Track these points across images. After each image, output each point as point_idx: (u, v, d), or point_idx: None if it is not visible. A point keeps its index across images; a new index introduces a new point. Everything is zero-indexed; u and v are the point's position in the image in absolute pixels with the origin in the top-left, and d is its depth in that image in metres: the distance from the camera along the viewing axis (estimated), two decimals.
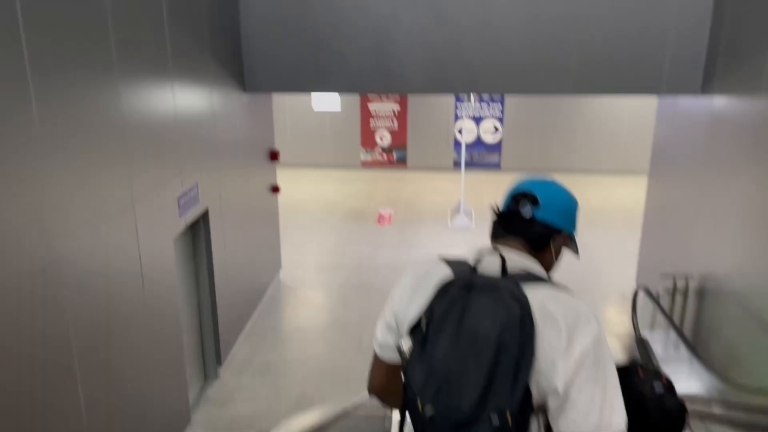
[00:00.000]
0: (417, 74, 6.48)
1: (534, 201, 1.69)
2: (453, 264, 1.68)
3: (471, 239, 10.02)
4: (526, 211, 1.69)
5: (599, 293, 8.03)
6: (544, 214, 1.69)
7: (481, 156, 13.90)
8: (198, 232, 5.75)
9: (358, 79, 6.57)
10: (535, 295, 1.50)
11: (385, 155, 14.14)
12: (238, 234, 6.63)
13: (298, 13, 6.40)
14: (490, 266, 1.59)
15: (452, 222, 10.71)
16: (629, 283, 8.30)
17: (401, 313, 1.75)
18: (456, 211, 11.12)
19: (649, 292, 6.47)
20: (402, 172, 14.07)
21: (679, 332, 5.88)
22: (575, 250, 1.80)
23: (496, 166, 13.96)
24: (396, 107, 13.76)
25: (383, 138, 14.03)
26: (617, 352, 6.76)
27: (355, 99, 13.72)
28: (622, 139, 13.60)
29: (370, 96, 13.67)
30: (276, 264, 8.39)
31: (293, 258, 9.19)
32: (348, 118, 13.94)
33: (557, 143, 13.70)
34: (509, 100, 13.45)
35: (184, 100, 5.06)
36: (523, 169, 13.89)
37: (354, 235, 10.20)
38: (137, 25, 4.20)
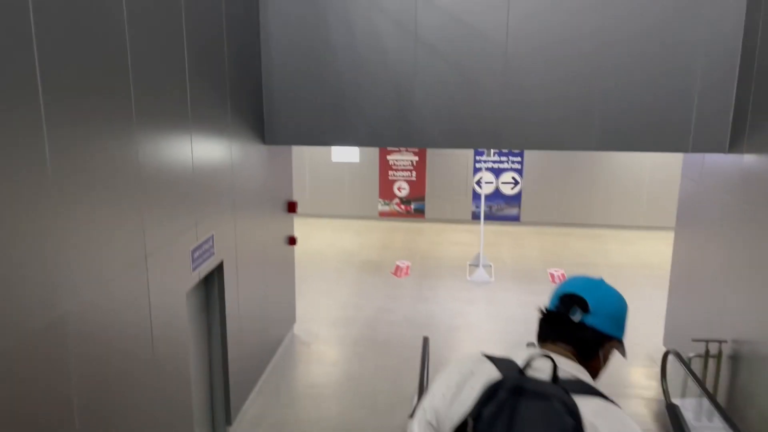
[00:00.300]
0: (437, 129, 6.42)
1: (584, 306, 1.66)
2: (499, 363, 1.66)
3: (490, 294, 9.78)
4: (576, 317, 1.66)
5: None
6: (594, 320, 1.66)
7: (500, 208, 13.76)
8: (212, 285, 5.62)
9: (378, 132, 6.53)
10: (585, 406, 1.47)
11: (403, 206, 14.07)
12: (252, 287, 6.50)
13: (318, 67, 6.43)
14: (540, 371, 1.56)
15: (471, 275, 10.49)
16: (656, 344, 7.97)
17: (443, 411, 1.68)
18: (475, 264, 10.91)
19: (679, 356, 6.17)
20: (420, 224, 13.96)
21: (712, 399, 5.55)
22: (623, 353, 1.77)
23: (515, 219, 13.80)
24: (415, 159, 13.76)
25: (401, 189, 13.99)
26: (646, 419, 6.41)
27: (374, 150, 13.76)
28: (643, 193, 13.41)
29: (389, 148, 13.70)
30: (290, 317, 8.22)
31: (308, 311, 9.00)
32: (367, 168, 13.96)
33: (577, 196, 13.54)
34: (529, 152, 13.40)
35: (203, 152, 5.02)
36: (542, 223, 13.71)
37: (370, 288, 10.01)
38: (158, 78, 4.19)
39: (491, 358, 1.67)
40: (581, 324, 1.66)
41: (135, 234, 3.92)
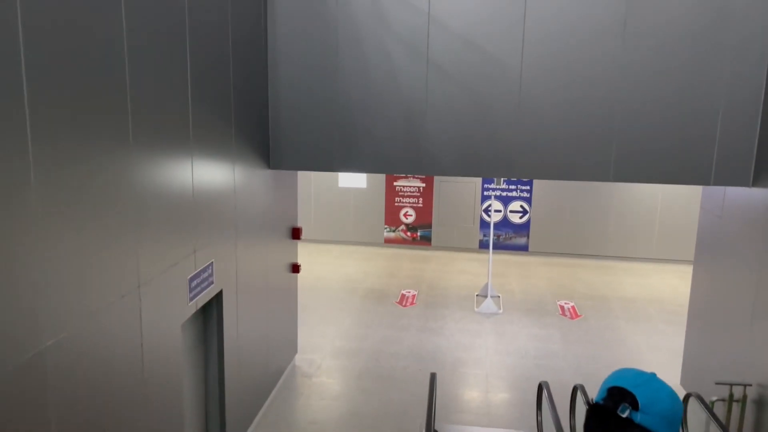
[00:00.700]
0: (447, 156, 6.20)
1: (633, 403, 1.58)
2: None
3: (499, 326, 9.45)
4: (625, 414, 1.58)
5: None
6: (644, 419, 1.57)
7: (508, 237, 13.49)
8: (209, 315, 5.35)
9: (387, 159, 6.32)
10: None
11: (409, 233, 13.81)
12: (253, 317, 6.22)
13: (327, 91, 6.24)
14: None
15: (479, 307, 10.18)
16: (672, 383, 7.62)
17: None
18: (483, 294, 10.61)
19: (701, 399, 5.83)
20: (426, 251, 13.69)
21: None
22: None
23: (523, 249, 13.52)
24: (422, 185, 13.55)
25: (408, 215, 13.75)
26: None
27: (380, 175, 13.57)
28: (655, 224, 13.13)
29: (396, 174, 13.51)
30: (292, 348, 7.91)
31: (310, 340, 8.70)
32: (373, 194, 13.75)
33: (588, 226, 13.26)
34: (538, 180, 13.18)
35: (204, 175, 4.80)
36: (551, 253, 13.41)
37: (375, 317, 9.70)
38: (158, 97, 3.98)
39: None
40: (629, 421, 1.57)
41: (128, 261, 3.67)
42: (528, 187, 13.27)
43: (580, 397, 5.76)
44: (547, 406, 5.60)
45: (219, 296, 5.32)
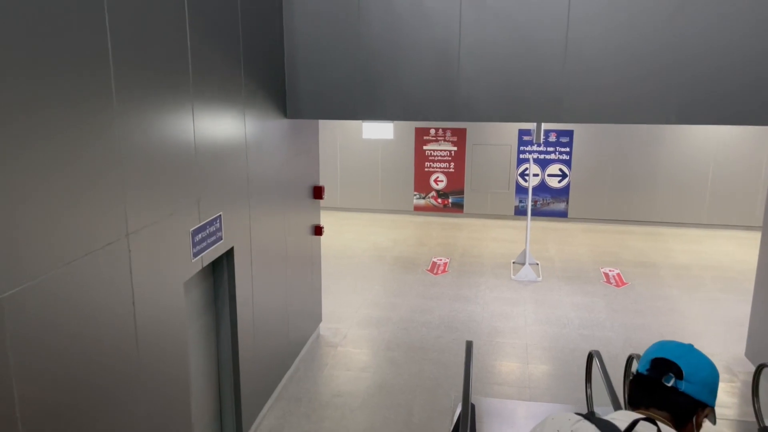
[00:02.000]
0: (486, 101, 5.50)
1: (678, 373, 1.66)
2: (597, 423, 1.61)
3: (539, 295, 8.78)
4: (670, 383, 1.65)
5: None
6: (688, 387, 1.65)
7: (546, 203, 12.71)
8: (220, 275, 4.81)
9: (416, 105, 5.65)
10: None
11: (440, 200, 13.13)
12: (270, 279, 5.67)
13: (350, 29, 5.57)
14: None
15: (516, 274, 9.50)
16: (736, 356, 6.90)
17: None
18: (520, 262, 9.92)
19: None
20: (458, 219, 13.00)
21: None
22: (713, 420, 1.73)
23: (562, 215, 12.72)
24: (453, 148, 12.81)
25: (438, 181, 13.06)
26: None
27: (409, 139, 12.87)
28: (706, 188, 12.19)
29: (425, 137, 12.79)
30: (315, 317, 7.38)
31: (335, 309, 8.17)
32: (401, 159, 13.07)
33: (632, 191, 12.39)
34: (578, 141, 12.32)
35: (207, 122, 4.21)
36: (592, 219, 12.60)
37: (404, 286, 9.12)
38: (146, 29, 3.37)
39: (588, 419, 1.64)
40: (674, 390, 1.66)
41: (112, 205, 3.11)
42: (567, 149, 12.43)
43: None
44: (600, 377, 4.95)
45: (230, 254, 4.77)
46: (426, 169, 13.08)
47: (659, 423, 1.59)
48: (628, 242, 11.41)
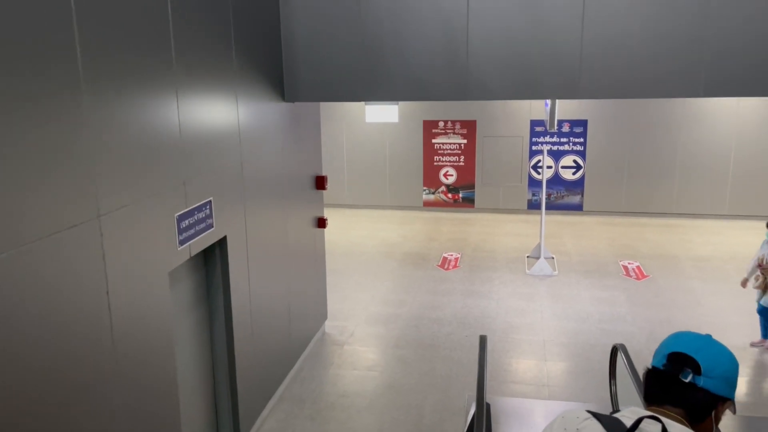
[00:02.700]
0: (497, 77, 5.13)
1: (695, 368, 1.58)
2: (606, 422, 1.58)
3: (555, 289, 8.37)
4: (688, 379, 1.58)
5: None
6: (707, 382, 1.57)
7: (560, 196, 12.27)
8: (212, 266, 4.46)
9: (422, 84, 5.28)
10: None
11: (450, 195, 12.73)
12: (269, 273, 5.32)
13: (350, 4, 5.21)
14: None
15: (530, 269, 9.09)
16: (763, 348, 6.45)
17: None
18: (534, 256, 9.51)
19: None
20: (469, 214, 12.60)
21: None
22: (733, 411, 1.64)
23: (577, 208, 12.28)
24: (463, 141, 12.41)
25: (448, 176, 12.66)
26: None
27: (417, 133, 12.49)
28: (727, 179, 11.71)
29: (434, 130, 12.40)
30: (320, 314, 7.02)
31: (342, 306, 7.80)
32: (409, 153, 12.69)
33: (649, 182, 11.93)
34: (592, 131, 11.88)
35: (193, 102, 3.87)
36: (609, 212, 12.15)
37: (413, 282, 8.74)
38: (120, 7, 3.04)
39: (597, 417, 1.59)
40: (692, 385, 1.58)
41: (80, 183, 2.77)
42: (581, 140, 12.00)
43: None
44: (627, 371, 4.55)
45: (223, 244, 4.42)
46: (435, 163, 12.69)
47: (665, 420, 1.54)
48: (646, 235, 10.96)
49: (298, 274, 6.13)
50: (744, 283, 6.79)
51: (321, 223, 6.76)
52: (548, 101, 9.03)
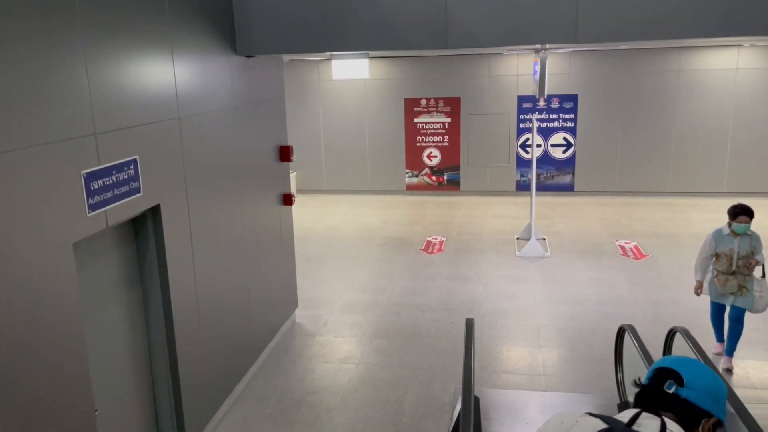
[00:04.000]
0: (483, 22, 4.43)
1: (678, 380, 1.63)
2: (602, 417, 1.61)
3: (548, 271, 7.72)
4: (671, 389, 1.62)
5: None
6: (689, 393, 1.61)
7: (550, 176, 11.61)
8: (144, 241, 3.73)
9: (396, 31, 4.57)
10: None
11: (434, 177, 12.03)
12: (221, 254, 4.60)
13: None
14: (647, 427, 1.54)
15: (520, 250, 8.43)
16: None
17: None
18: (524, 237, 8.85)
19: None
20: (454, 197, 11.91)
21: None
22: None
23: (568, 189, 11.64)
24: (447, 120, 11.70)
25: (432, 157, 11.96)
26: None
27: (398, 112, 11.76)
28: (725, 156, 11.11)
29: (416, 108, 11.69)
30: (289, 301, 6.30)
31: (316, 294, 7.10)
32: (390, 134, 11.96)
33: (644, 161, 11.30)
34: (583, 106, 11.22)
35: (102, 47, 3.13)
36: (601, 192, 11.52)
37: (395, 267, 8.04)
38: None
39: (596, 414, 1.63)
40: (675, 396, 1.61)
41: None
42: (572, 116, 11.34)
43: (684, 342, 4.02)
44: (638, 354, 3.89)
45: (156, 214, 3.69)
46: (418, 144, 11.98)
47: (664, 416, 1.56)
48: (641, 214, 10.33)
49: (260, 256, 5.40)
50: (699, 288, 5.33)
51: (287, 199, 6.03)
52: (537, 69, 8.36)
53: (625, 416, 1.60)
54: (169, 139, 3.80)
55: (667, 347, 4.37)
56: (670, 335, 4.30)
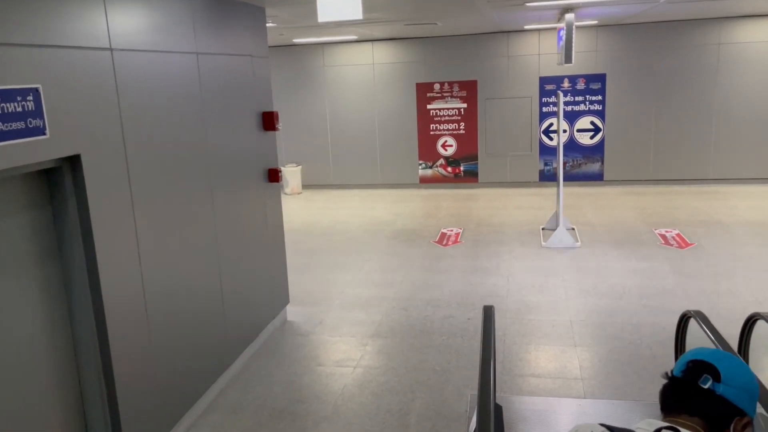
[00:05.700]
0: None
1: (715, 375, 1.49)
2: (619, 430, 1.49)
3: (579, 262, 6.75)
4: (707, 385, 1.48)
5: None
6: (725, 390, 1.48)
7: (576, 164, 10.62)
8: (61, 203, 2.89)
9: None
10: None
11: (449, 168, 11.11)
12: (181, 234, 3.75)
13: None
14: None
15: (547, 241, 7.47)
16: None
17: None
18: (550, 228, 7.89)
19: None
20: (472, 189, 10.97)
21: None
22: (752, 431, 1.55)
23: (597, 178, 10.62)
24: (463, 105, 10.79)
25: (447, 146, 11.05)
26: None
27: (410, 98, 10.89)
28: None
29: (429, 94, 10.80)
30: (279, 297, 5.43)
31: (313, 289, 6.24)
32: (402, 123, 11.09)
33: (681, 146, 10.25)
34: (612, 87, 10.23)
35: None
36: (634, 181, 10.50)
37: (405, 260, 7.14)
38: None
39: (611, 429, 1.52)
40: (710, 393, 1.47)
41: None
42: (599, 98, 10.36)
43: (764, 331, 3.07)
44: (711, 343, 2.94)
45: (75, 168, 2.85)
46: (432, 133, 11.09)
47: (682, 430, 1.45)
48: (680, 202, 9.30)
49: (237, 243, 4.55)
50: None
51: (273, 175, 5.18)
52: (562, 36, 7.45)
53: (641, 429, 1.49)
54: (94, 74, 2.96)
55: (744, 341, 3.40)
56: (750, 322, 3.33)
